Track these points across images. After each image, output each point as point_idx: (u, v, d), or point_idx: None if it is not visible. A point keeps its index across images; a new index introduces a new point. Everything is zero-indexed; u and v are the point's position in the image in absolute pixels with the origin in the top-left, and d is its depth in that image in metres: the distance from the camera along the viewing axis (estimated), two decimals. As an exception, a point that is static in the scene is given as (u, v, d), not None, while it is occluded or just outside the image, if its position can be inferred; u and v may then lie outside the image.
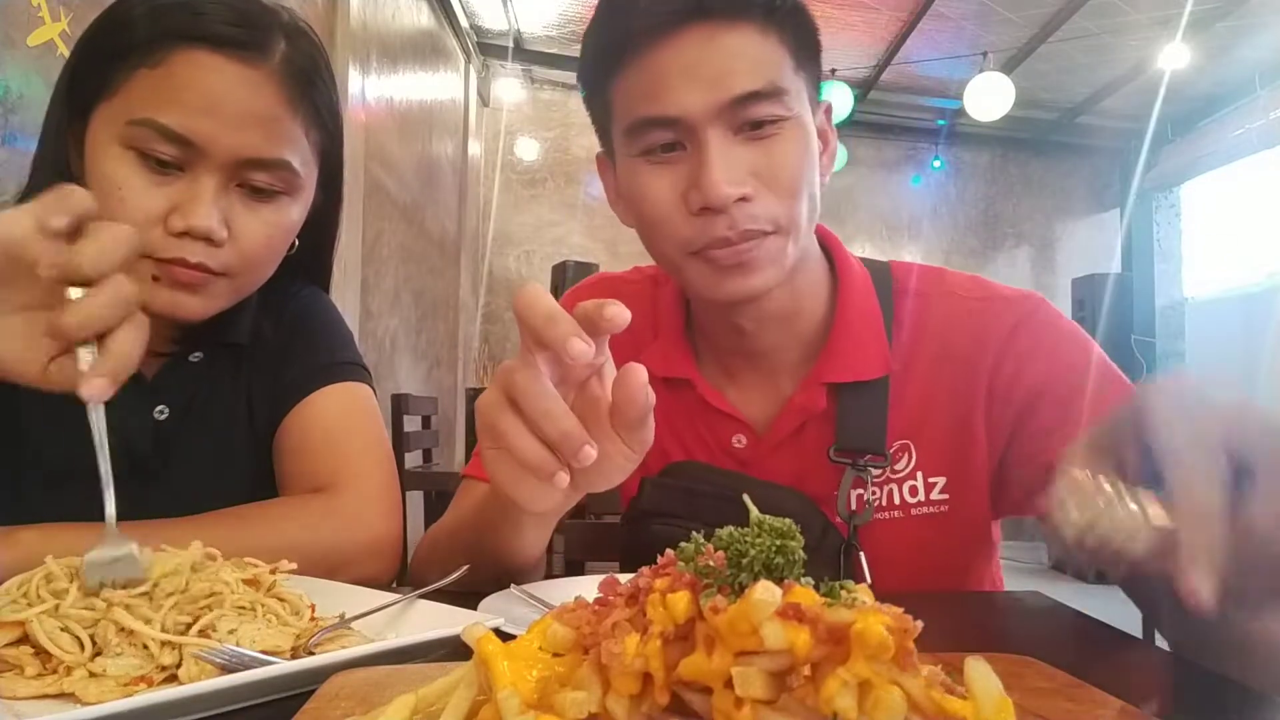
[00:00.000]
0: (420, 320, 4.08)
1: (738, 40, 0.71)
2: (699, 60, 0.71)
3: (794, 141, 0.74)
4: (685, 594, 0.29)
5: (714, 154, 0.71)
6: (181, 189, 0.70)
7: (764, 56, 0.73)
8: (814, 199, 0.78)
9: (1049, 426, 0.76)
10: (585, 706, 0.29)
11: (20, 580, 0.52)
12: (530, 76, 5.47)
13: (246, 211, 0.73)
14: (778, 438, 0.83)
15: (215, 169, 0.70)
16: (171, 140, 0.68)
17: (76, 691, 0.46)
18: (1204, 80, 5.01)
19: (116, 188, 0.69)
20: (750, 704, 0.26)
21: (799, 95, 0.75)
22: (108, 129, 0.70)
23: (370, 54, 3.13)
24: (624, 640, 0.29)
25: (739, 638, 0.26)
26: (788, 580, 0.28)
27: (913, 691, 0.25)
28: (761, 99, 0.72)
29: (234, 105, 0.70)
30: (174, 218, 0.69)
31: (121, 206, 0.69)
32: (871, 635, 0.24)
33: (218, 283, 0.74)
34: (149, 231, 0.69)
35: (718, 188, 0.71)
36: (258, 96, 0.71)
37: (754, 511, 0.31)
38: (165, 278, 0.71)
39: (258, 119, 0.71)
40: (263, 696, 0.45)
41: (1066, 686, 0.46)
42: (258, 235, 0.74)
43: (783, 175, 0.74)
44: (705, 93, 0.71)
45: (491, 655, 0.32)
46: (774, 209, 0.74)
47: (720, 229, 0.73)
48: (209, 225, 0.70)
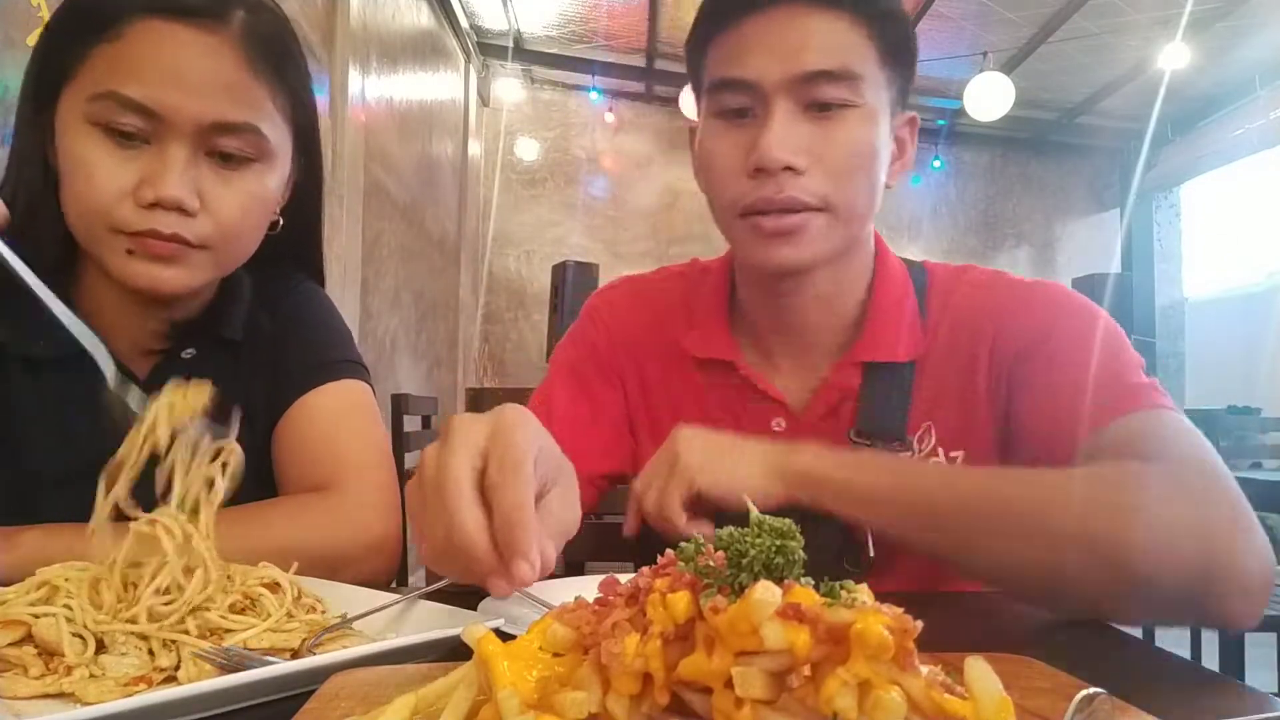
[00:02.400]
0: (420, 320, 4.08)
1: (822, 23, 0.76)
2: (782, 33, 0.76)
3: (859, 129, 0.77)
4: (685, 594, 0.29)
5: (776, 121, 0.76)
6: (149, 160, 0.69)
7: (845, 42, 0.77)
8: (873, 191, 0.80)
9: (1043, 382, 0.78)
10: (585, 706, 0.29)
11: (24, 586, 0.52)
12: (530, 76, 5.47)
13: (219, 181, 0.72)
14: (814, 418, 0.85)
15: (182, 138, 0.69)
16: (134, 110, 0.68)
17: (76, 691, 0.46)
18: (1204, 80, 5.01)
19: (84, 164, 0.68)
20: (750, 704, 0.26)
21: (875, 88, 0.78)
22: (73, 109, 0.69)
23: (370, 54, 3.13)
24: (624, 640, 0.29)
25: (739, 638, 0.26)
26: (788, 580, 0.28)
27: (913, 691, 0.25)
28: (832, 79, 0.76)
29: (195, 72, 0.69)
30: (143, 189, 0.68)
31: (90, 183, 0.68)
32: (871, 635, 0.24)
33: (195, 255, 0.73)
34: (119, 206, 0.69)
35: (770, 150, 0.75)
36: (218, 61, 0.70)
37: (754, 511, 0.31)
38: (139, 250, 0.70)
39: (220, 84, 0.70)
40: (262, 697, 0.45)
41: (1066, 686, 0.46)
42: (232, 204, 0.73)
43: (839, 156, 0.77)
44: (780, 63, 0.76)
45: (492, 655, 0.32)
46: (824, 186, 0.77)
47: (768, 190, 0.77)
48: (178, 194, 0.69)
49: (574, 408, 0.91)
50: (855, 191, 0.79)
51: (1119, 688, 0.41)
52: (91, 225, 0.70)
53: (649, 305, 0.95)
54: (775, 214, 0.77)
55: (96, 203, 0.69)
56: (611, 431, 0.91)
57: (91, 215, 0.70)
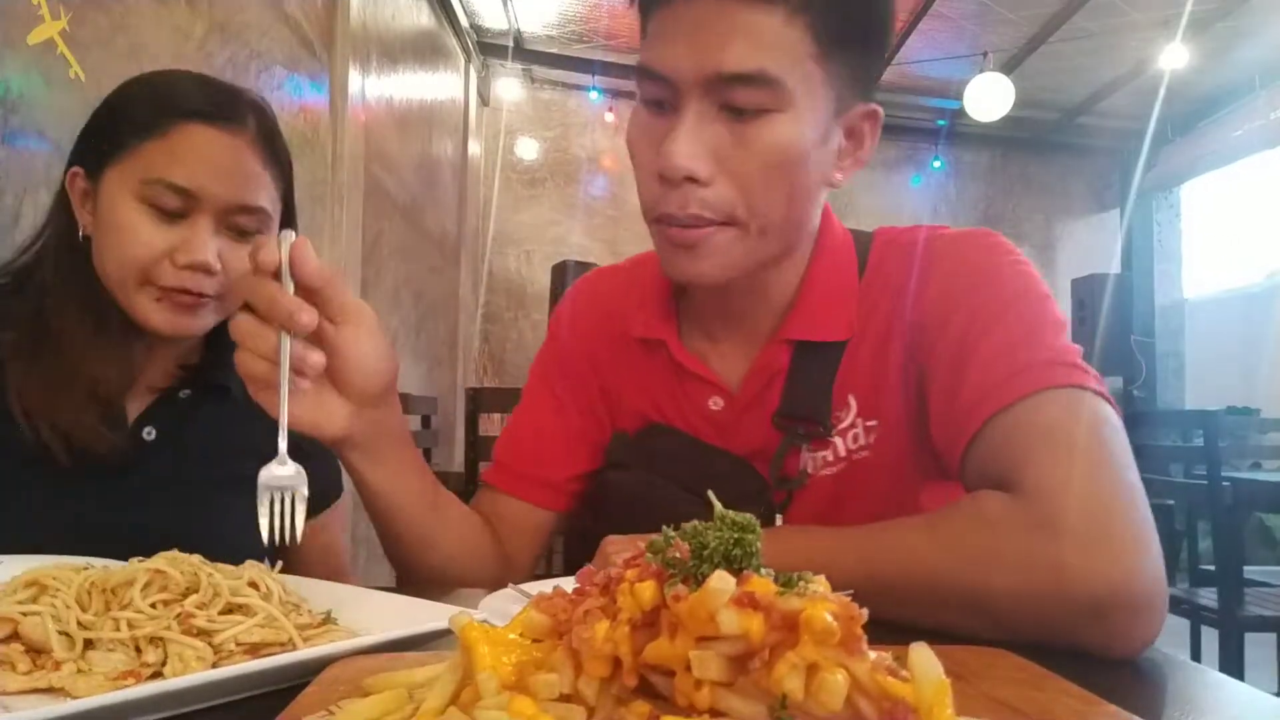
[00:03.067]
0: (420, 320, 4.09)
1: (750, 18, 0.68)
2: (702, 26, 0.69)
3: (778, 135, 0.70)
4: (652, 583, 0.31)
5: (684, 123, 0.70)
6: (183, 231, 0.87)
7: (770, 41, 0.69)
8: (797, 199, 0.74)
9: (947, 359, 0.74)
10: (558, 688, 0.31)
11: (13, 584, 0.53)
12: (530, 76, 5.48)
13: (232, 248, 0.90)
14: (747, 398, 0.84)
15: (210, 215, 0.87)
16: (178, 193, 0.86)
17: (66, 686, 0.46)
18: (1204, 80, 5.01)
19: (130, 230, 0.86)
20: (709, 685, 0.28)
21: (809, 88, 0.71)
22: (122, 186, 0.87)
23: (370, 54, 3.15)
24: (595, 626, 0.31)
25: (698, 624, 0.28)
26: (746, 571, 0.30)
27: (858, 674, 0.27)
28: (750, 83, 0.69)
29: (225, 165, 0.88)
30: (180, 254, 0.86)
31: (134, 245, 0.86)
32: (817, 621, 0.26)
33: (210, 304, 0.90)
34: (158, 265, 0.86)
35: (671, 158, 0.70)
36: (241, 157, 0.89)
37: (718, 506, 0.33)
38: (167, 301, 0.87)
39: (242, 174, 0.89)
40: (249, 690, 0.46)
41: (1036, 677, 0.47)
42: (241, 263, 0.89)
43: (752, 165, 0.71)
44: (694, 60, 0.69)
45: (474, 641, 0.34)
46: (730, 199, 0.71)
47: (671, 204, 0.72)
48: (208, 259, 0.86)
49: (541, 416, 0.94)
50: (770, 204, 0.72)
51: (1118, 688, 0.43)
52: (126, 278, 0.87)
53: (605, 295, 0.96)
54: (679, 226, 0.73)
55: (137, 260, 0.86)
56: (579, 432, 0.93)
57: (129, 270, 0.86)
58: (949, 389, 0.73)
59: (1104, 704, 0.42)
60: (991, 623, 0.60)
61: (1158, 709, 0.41)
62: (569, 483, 0.92)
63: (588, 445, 0.93)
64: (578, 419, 0.93)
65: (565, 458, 0.92)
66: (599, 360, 0.93)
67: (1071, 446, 0.64)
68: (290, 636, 0.52)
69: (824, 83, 0.72)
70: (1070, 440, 0.64)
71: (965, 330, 0.73)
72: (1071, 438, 0.64)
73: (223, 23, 1.99)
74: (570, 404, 0.94)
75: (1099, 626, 0.58)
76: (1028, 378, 0.68)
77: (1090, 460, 0.63)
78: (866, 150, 0.79)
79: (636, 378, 0.90)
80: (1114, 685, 0.43)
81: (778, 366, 0.82)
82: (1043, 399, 0.67)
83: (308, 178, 2.61)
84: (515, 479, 0.92)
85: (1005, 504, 0.63)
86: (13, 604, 0.51)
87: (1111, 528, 0.60)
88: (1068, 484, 0.62)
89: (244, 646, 0.51)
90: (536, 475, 0.91)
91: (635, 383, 0.91)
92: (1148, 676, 0.55)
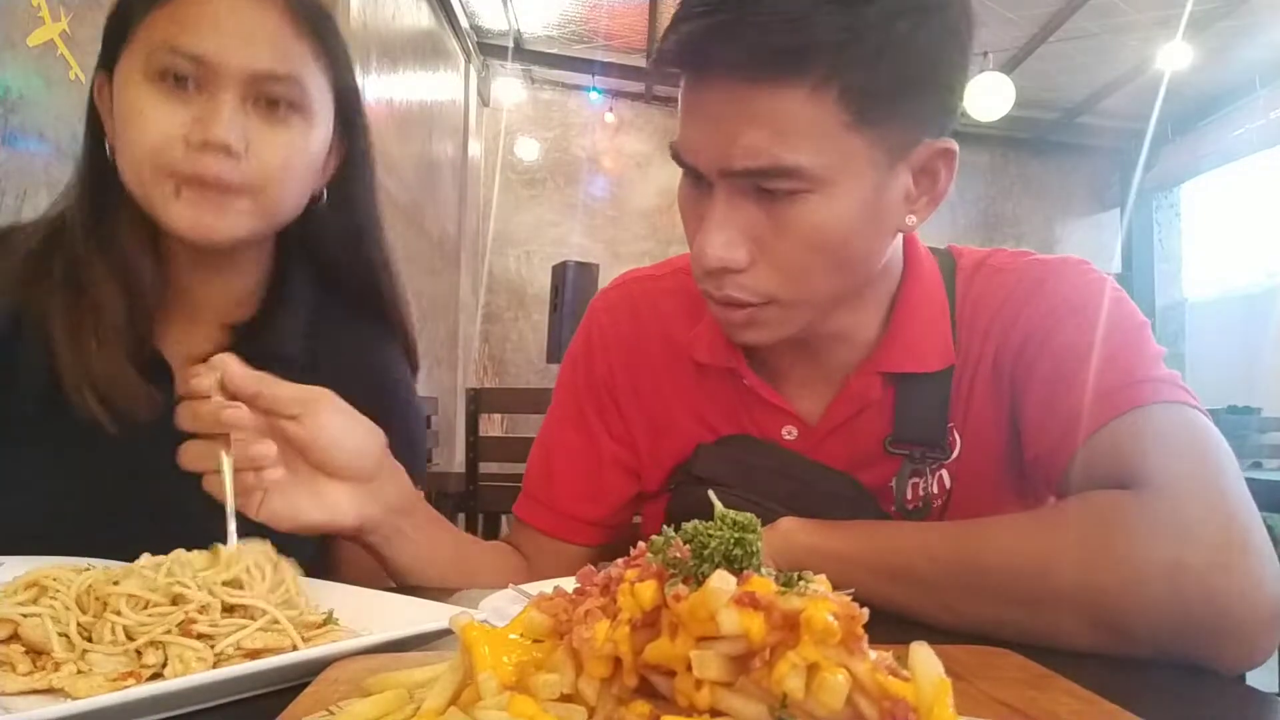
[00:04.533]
0: (420, 320, 4.07)
1: (768, 103, 0.63)
2: (719, 114, 0.65)
3: (814, 216, 0.65)
4: (652, 583, 0.31)
5: (714, 214, 0.67)
6: (200, 105, 0.75)
7: (790, 125, 0.63)
8: (849, 269, 0.70)
9: (1047, 378, 0.72)
10: (558, 688, 0.31)
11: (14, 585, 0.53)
12: (530, 76, 5.49)
13: (264, 128, 0.78)
14: (830, 426, 0.81)
15: (231, 85, 0.76)
16: (187, 59, 0.74)
17: (65, 687, 0.46)
18: (1204, 80, 5.02)
19: (139, 112, 0.75)
20: (709, 685, 0.28)
21: (846, 161, 0.65)
22: (132, 67, 0.76)
23: (370, 54, 3.15)
24: (595, 626, 0.31)
25: (698, 624, 0.28)
26: (746, 571, 0.30)
27: (858, 674, 0.27)
28: (769, 175, 0.64)
29: (242, 24, 0.76)
30: (194, 130, 0.74)
31: (144, 128, 0.75)
32: (817, 621, 0.26)
33: (239, 201, 0.77)
34: (171, 148, 0.74)
35: (704, 251, 0.67)
36: (264, 17, 0.78)
37: (718, 505, 0.33)
38: (187, 192, 0.75)
39: (266, 37, 0.77)
40: (249, 691, 0.46)
41: (1036, 677, 0.47)
42: (275, 151, 0.79)
43: (787, 247, 0.67)
44: (711, 151, 0.66)
45: (474, 641, 0.34)
46: (767, 284, 0.68)
47: (709, 285, 0.70)
48: (226, 137, 0.74)
49: (575, 445, 0.89)
50: (812, 284, 0.69)
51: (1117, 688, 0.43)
52: (141, 169, 0.76)
53: (650, 308, 0.90)
54: (721, 305, 0.71)
55: (149, 145, 0.74)
56: (614, 461, 0.89)
57: (143, 159, 0.75)
58: (1049, 399, 0.71)
59: (1104, 704, 0.42)
60: (1097, 625, 0.57)
61: (1158, 709, 0.41)
62: (611, 516, 0.89)
63: (625, 474, 0.89)
64: (613, 447, 0.88)
65: (606, 494, 0.88)
66: (640, 380, 0.88)
67: (1193, 452, 0.62)
68: (293, 640, 0.52)
69: (868, 148, 0.66)
70: (1191, 446, 0.63)
71: (1072, 345, 0.72)
72: (1192, 445, 0.63)
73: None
74: (604, 431, 0.89)
75: (1215, 636, 0.55)
76: (1142, 390, 0.66)
77: (1212, 467, 0.61)
78: (942, 187, 0.73)
79: (689, 400, 0.86)
80: (1114, 685, 0.43)
81: (870, 397, 0.79)
82: (1157, 410, 0.66)
83: (308, 178, 2.60)
84: (555, 519, 0.88)
85: (1124, 500, 0.60)
86: (13, 605, 0.51)
87: (1233, 534, 0.57)
88: (1191, 485, 0.59)
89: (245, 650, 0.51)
90: (576, 514, 0.88)
91: (688, 405, 0.86)
92: (1147, 677, 0.55)
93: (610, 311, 0.92)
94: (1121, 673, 0.54)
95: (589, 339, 0.92)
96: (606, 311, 0.92)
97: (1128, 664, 0.56)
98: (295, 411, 0.68)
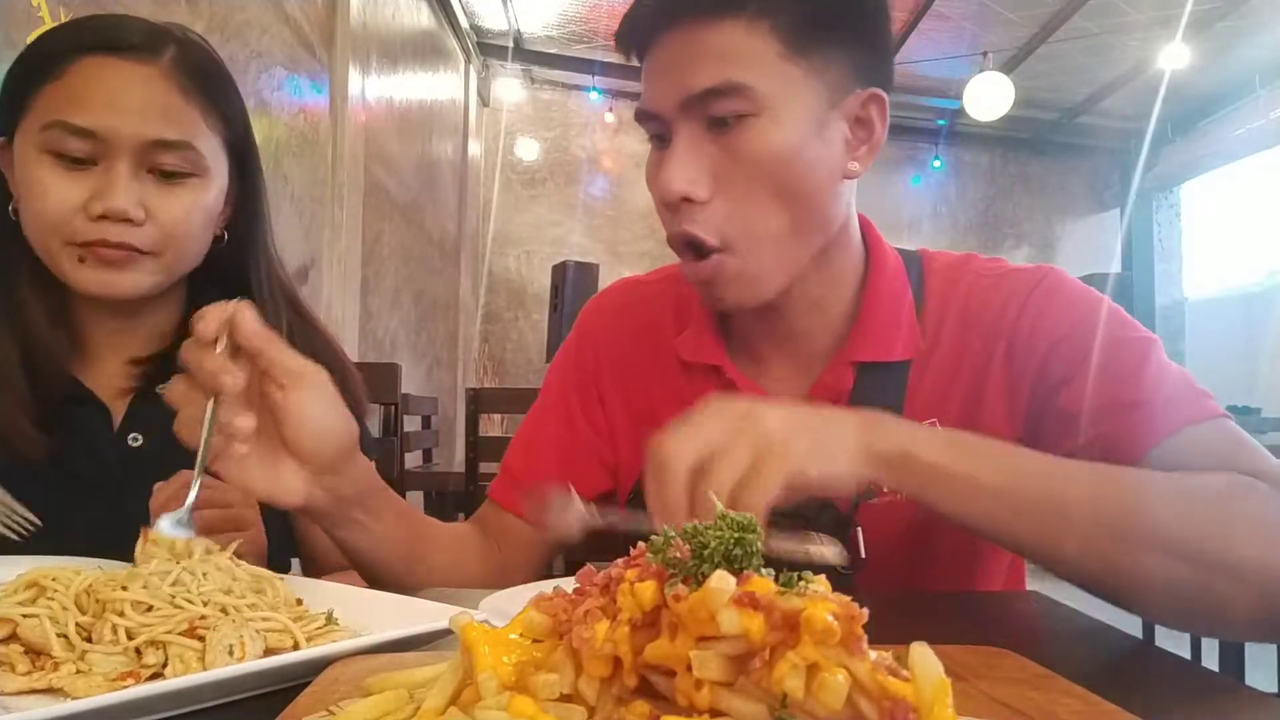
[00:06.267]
0: (420, 320, 4.10)
1: (713, 37, 0.73)
2: (674, 58, 0.75)
3: (761, 138, 0.73)
4: (652, 583, 0.31)
5: (675, 148, 0.74)
6: (97, 178, 0.78)
7: (733, 52, 0.73)
8: (803, 200, 0.75)
9: (1065, 376, 0.76)
10: (558, 688, 0.31)
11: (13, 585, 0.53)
12: (530, 76, 5.49)
13: (162, 192, 0.81)
14: None
15: (124, 156, 0.78)
16: (79, 135, 0.77)
17: (65, 687, 0.46)
18: (1204, 80, 5.02)
19: (38, 185, 0.77)
20: (709, 685, 0.28)
21: (786, 88, 0.73)
22: (27, 141, 0.79)
23: (370, 54, 3.15)
24: (595, 626, 0.31)
25: (698, 624, 0.28)
26: (746, 571, 0.30)
27: (858, 674, 0.27)
28: (721, 96, 0.72)
29: (132, 97, 0.78)
30: (92, 203, 0.77)
31: (44, 201, 0.77)
32: (817, 621, 0.26)
33: (144, 260, 0.81)
34: (72, 220, 0.77)
35: (666, 182, 0.74)
36: (152, 87, 0.79)
37: (719, 505, 0.33)
38: (90, 258, 0.79)
39: (155, 106, 0.79)
40: (249, 690, 0.46)
41: (1037, 678, 0.47)
42: (175, 212, 0.82)
43: (742, 175, 0.73)
44: (672, 87, 0.75)
45: (474, 641, 0.34)
46: (725, 222, 0.74)
47: (671, 223, 0.76)
48: (124, 205, 0.77)
49: (554, 431, 0.92)
50: (767, 219, 0.74)
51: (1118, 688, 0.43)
52: (48, 240, 0.79)
53: (640, 310, 0.94)
54: (690, 259, 0.76)
55: (51, 218, 0.78)
56: (591, 451, 0.91)
57: (48, 230, 0.78)
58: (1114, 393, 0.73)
59: (1104, 704, 0.42)
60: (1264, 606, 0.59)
61: (1158, 709, 0.41)
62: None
63: (601, 467, 0.91)
64: (594, 440, 0.91)
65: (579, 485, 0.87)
66: (627, 377, 0.91)
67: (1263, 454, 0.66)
68: (295, 640, 0.52)
69: (804, 78, 0.74)
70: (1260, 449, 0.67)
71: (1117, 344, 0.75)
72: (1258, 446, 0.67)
73: (222, 22, 2.00)
74: (586, 424, 0.92)
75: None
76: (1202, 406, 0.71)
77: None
78: (878, 136, 0.80)
79: (676, 399, 0.87)
80: (1114, 685, 0.43)
81: (843, 387, 0.82)
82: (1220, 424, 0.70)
83: (308, 178, 2.61)
84: (519, 496, 0.90)
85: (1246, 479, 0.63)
86: (12, 605, 0.51)
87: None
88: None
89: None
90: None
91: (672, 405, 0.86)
92: (1148, 676, 0.55)
93: (602, 312, 0.97)
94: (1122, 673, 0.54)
95: (580, 335, 0.96)
96: (599, 312, 0.97)
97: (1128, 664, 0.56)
98: (286, 381, 0.68)
